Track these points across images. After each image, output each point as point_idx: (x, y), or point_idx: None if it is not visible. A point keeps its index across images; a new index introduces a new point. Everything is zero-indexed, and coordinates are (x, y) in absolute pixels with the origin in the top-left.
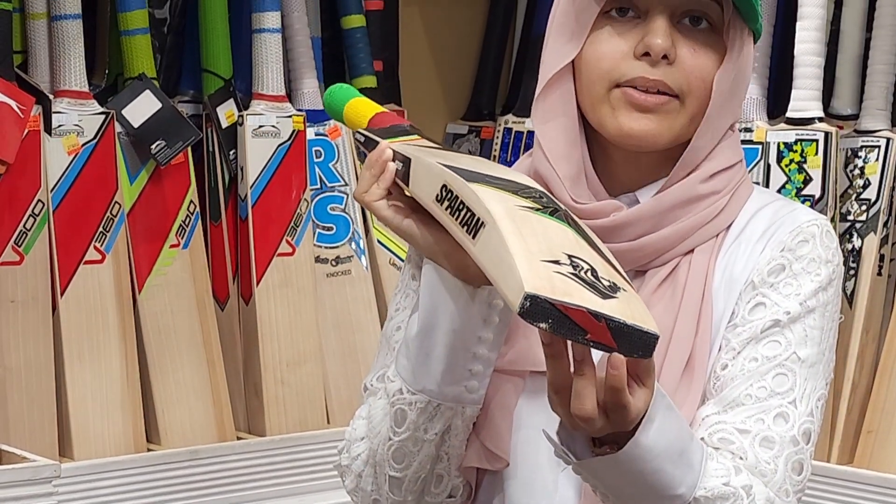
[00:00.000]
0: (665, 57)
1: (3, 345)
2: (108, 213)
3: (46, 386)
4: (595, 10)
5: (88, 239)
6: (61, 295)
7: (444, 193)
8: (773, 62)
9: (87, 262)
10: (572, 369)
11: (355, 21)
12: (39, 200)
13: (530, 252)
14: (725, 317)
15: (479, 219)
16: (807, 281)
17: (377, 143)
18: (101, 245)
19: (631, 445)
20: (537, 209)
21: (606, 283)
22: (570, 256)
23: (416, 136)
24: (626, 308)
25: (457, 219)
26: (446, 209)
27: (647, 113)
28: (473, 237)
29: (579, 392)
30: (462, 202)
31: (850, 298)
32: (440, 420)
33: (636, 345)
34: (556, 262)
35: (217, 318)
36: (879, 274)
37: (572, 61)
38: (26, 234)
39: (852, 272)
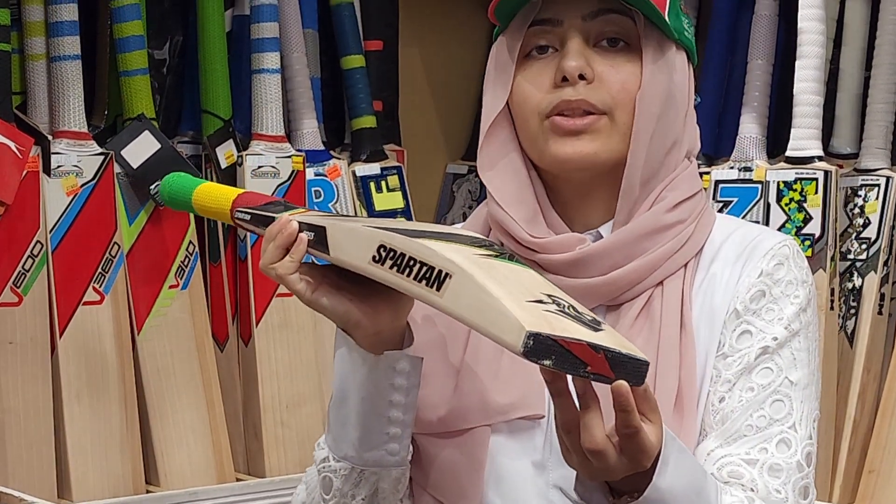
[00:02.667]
0: (583, 77)
1: (2, 386)
2: (106, 254)
3: (45, 427)
4: (516, 54)
5: (87, 280)
6: (60, 336)
7: (383, 254)
8: (772, 101)
9: (85, 304)
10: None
11: (355, 61)
12: (38, 241)
13: (512, 294)
14: (712, 348)
15: (441, 271)
16: (787, 304)
17: (270, 217)
18: (100, 286)
19: (651, 490)
20: (495, 255)
21: (589, 318)
22: (548, 295)
23: (303, 210)
24: (615, 339)
25: (409, 276)
26: (391, 268)
27: (578, 135)
28: (438, 290)
29: (588, 424)
30: (412, 259)
31: (850, 337)
32: (365, 486)
33: (631, 373)
34: (540, 302)
35: (216, 358)
36: (880, 313)
37: (508, 110)
38: (25, 275)
39: (853, 311)
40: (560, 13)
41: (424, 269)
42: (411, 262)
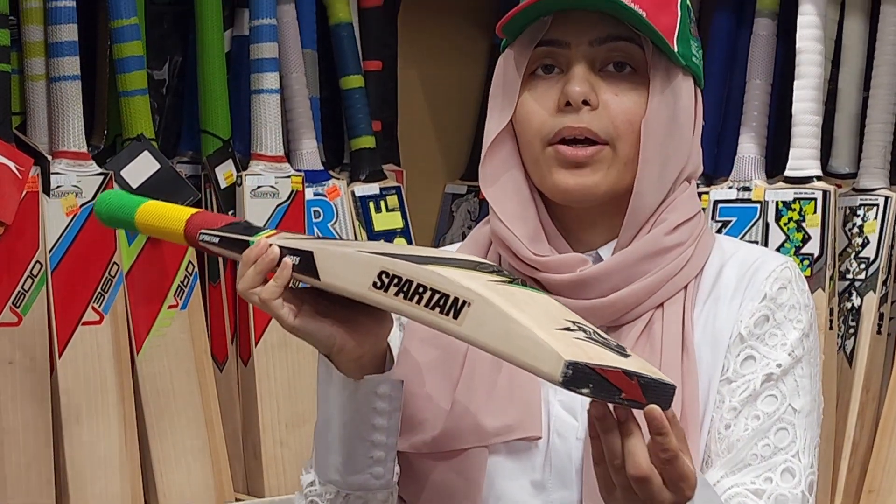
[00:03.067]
0: (587, 103)
1: (1, 406)
2: (106, 274)
3: (44, 447)
4: (522, 71)
5: (87, 300)
6: (59, 356)
7: (385, 280)
8: (771, 121)
9: (85, 324)
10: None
11: (354, 81)
12: (38, 261)
13: (539, 322)
14: (715, 372)
15: (457, 299)
16: (790, 329)
17: (244, 241)
18: (100, 306)
19: None
20: (509, 282)
21: (615, 344)
22: (573, 322)
23: (274, 231)
24: (642, 364)
25: (418, 303)
26: (396, 295)
27: (580, 168)
28: (455, 317)
29: (632, 451)
30: (421, 286)
31: (849, 357)
32: None
33: (661, 398)
34: (568, 329)
35: (216, 378)
36: (879, 332)
37: (512, 126)
38: (24, 295)
39: (852, 331)
40: (568, 35)
41: (437, 296)
42: (420, 290)
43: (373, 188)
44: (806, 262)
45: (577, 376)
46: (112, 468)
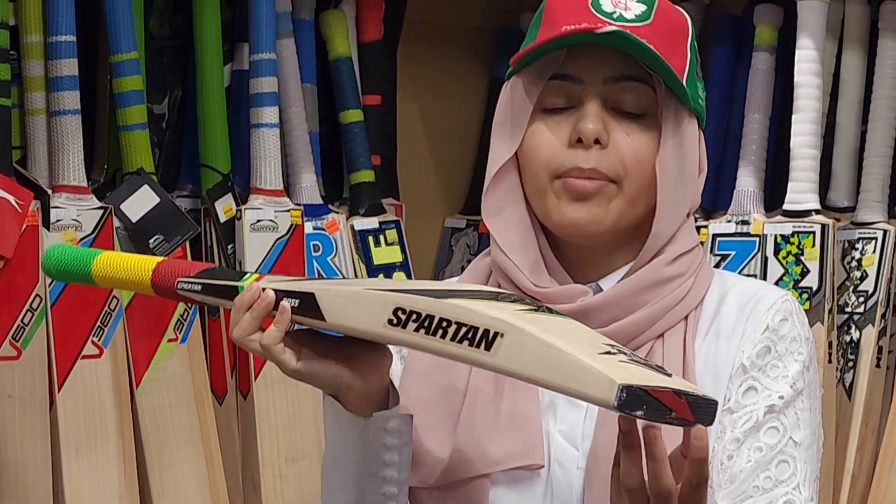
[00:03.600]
0: (598, 142)
1: (0, 440)
2: (105, 308)
3: (44, 481)
4: (532, 103)
5: (86, 334)
6: (59, 390)
7: (402, 317)
8: (769, 155)
9: (84, 357)
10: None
11: (353, 116)
12: (37, 295)
13: (581, 348)
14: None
15: (488, 331)
16: (791, 362)
17: (232, 287)
18: (99, 340)
19: None
20: (533, 310)
21: (654, 364)
22: (609, 345)
23: (256, 275)
24: (683, 382)
25: (444, 337)
26: (416, 331)
27: (586, 201)
28: (488, 349)
29: (657, 472)
30: (444, 320)
31: (848, 390)
32: None
33: (706, 414)
34: (609, 353)
35: (215, 412)
36: (878, 366)
37: (516, 156)
38: (24, 329)
39: (851, 364)
40: (582, 72)
41: (464, 329)
42: (444, 324)
43: (372, 222)
44: (805, 296)
45: (631, 399)
46: (111, 502)
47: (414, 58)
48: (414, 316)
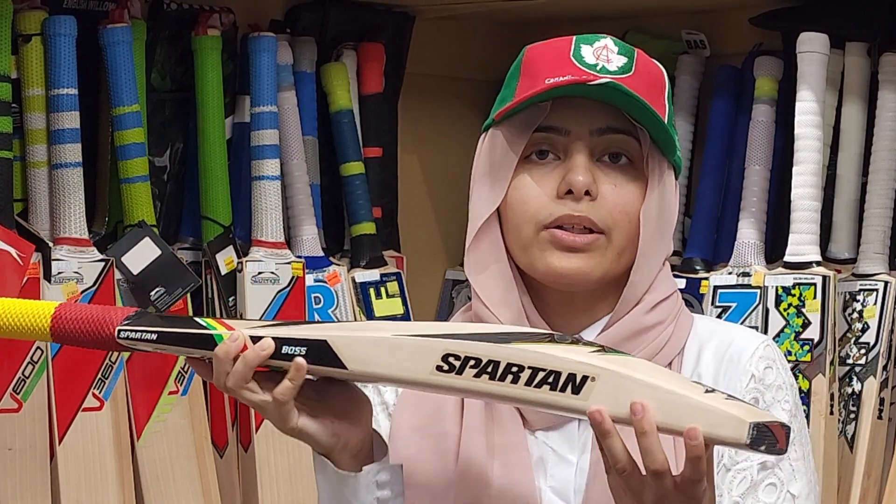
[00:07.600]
0: (588, 193)
1: (1, 493)
2: (106, 360)
3: None
4: (516, 155)
5: (87, 386)
6: (59, 442)
7: (456, 363)
8: (770, 206)
9: (85, 410)
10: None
11: (354, 168)
12: (38, 347)
13: (686, 387)
14: None
15: (574, 375)
16: (779, 411)
17: (205, 335)
18: (100, 392)
19: None
20: (601, 350)
21: (747, 399)
22: (698, 383)
23: (213, 319)
24: (773, 414)
25: (516, 382)
26: (476, 377)
27: (576, 252)
28: (577, 393)
29: (649, 447)
30: (515, 365)
31: (850, 442)
32: None
33: (789, 441)
34: (708, 391)
35: (216, 464)
36: (880, 418)
37: (497, 209)
38: (25, 382)
39: (852, 416)
40: (569, 124)
41: (542, 374)
42: (513, 369)
43: (373, 274)
44: (806, 348)
45: (759, 437)
46: None
47: (415, 110)
48: (472, 362)
